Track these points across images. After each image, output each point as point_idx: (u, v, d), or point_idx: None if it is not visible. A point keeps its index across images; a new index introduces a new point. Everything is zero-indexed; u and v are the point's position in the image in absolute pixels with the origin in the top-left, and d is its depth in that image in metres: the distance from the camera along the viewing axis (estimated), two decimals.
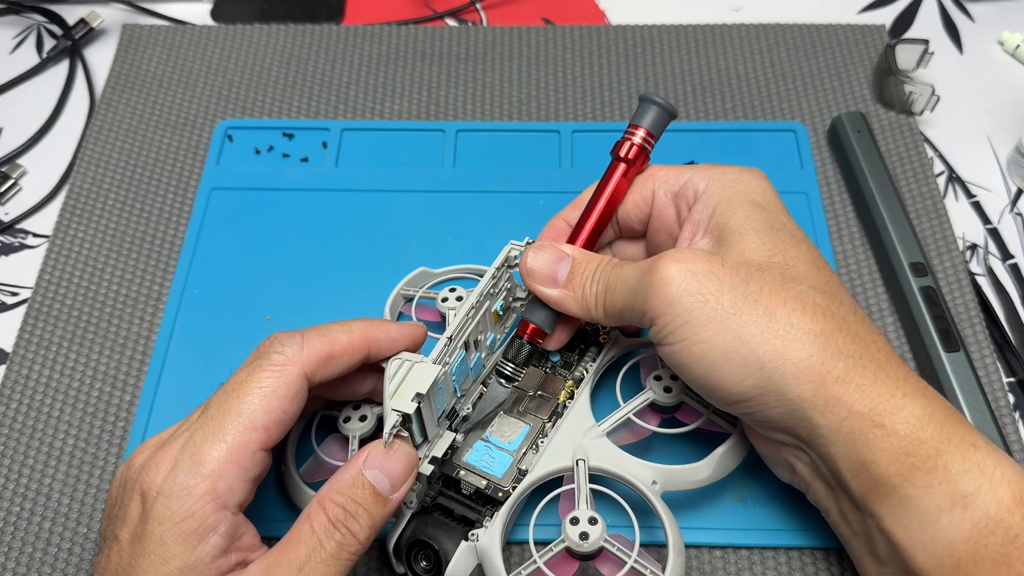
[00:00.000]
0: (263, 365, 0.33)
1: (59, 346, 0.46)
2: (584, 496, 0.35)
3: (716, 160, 0.52)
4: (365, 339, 0.35)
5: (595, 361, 0.41)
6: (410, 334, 0.37)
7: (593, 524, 0.33)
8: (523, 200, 0.51)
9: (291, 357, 0.33)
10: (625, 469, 0.36)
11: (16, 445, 0.43)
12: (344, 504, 0.32)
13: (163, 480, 0.31)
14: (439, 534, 0.35)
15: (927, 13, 0.60)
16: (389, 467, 0.33)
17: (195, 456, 0.31)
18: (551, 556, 0.34)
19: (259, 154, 0.54)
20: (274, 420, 0.32)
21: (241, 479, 0.32)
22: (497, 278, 0.39)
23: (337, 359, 0.35)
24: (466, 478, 0.37)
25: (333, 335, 0.35)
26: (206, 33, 0.60)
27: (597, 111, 0.55)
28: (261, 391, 0.32)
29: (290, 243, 0.49)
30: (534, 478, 0.36)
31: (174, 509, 0.30)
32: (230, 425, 0.32)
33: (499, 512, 0.35)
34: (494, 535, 0.35)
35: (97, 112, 0.56)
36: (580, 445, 0.37)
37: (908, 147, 0.53)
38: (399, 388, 0.33)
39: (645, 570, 0.33)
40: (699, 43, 0.59)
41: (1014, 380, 0.44)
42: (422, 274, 0.46)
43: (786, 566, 0.39)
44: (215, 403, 0.33)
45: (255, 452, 0.32)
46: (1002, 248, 0.49)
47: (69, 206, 0.52)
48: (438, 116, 0.56)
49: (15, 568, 0.39)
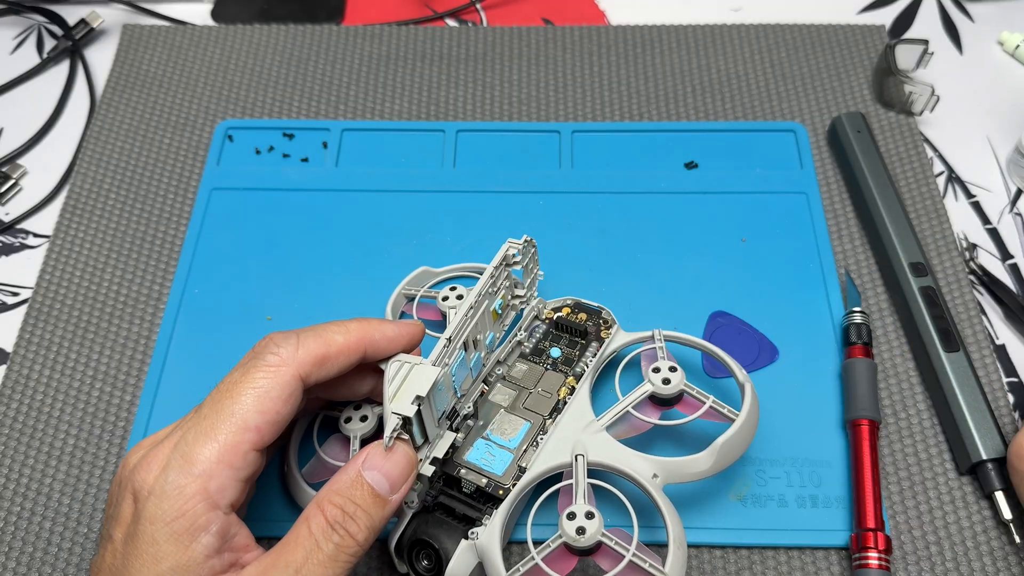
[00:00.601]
0: (257, 366, 0.33)
1: (59, 346, 0.46)
2: (582, 491, 0.35)
3: (715, 159, 0.52)
4: (361, 339, 0.35)
5: (595, 356, 0.41)
6: (407, 333, 0.37)
7: (590, 518, 0.33)
8: (523, 200, 0.51)
9: (286, 358, 0.33)
10: (625, 463, 0.36)
11: (16, 445, 0.43)
12: (342, 505, 0.32)
13: (154, 479, 0.31)
14: (439, 533, 0.35)
15: (927, 13, 0.60)
16: (388, 468, 0.33)
17: (186, 456, 0.31)
18: (549, 552, 0.34)
19: (259, 154, 0.54)
20: (267, 421, 0.32)
21: (232, 479, 0.32)
22: (495, 277, 0.39)
23: (333, 360, 0.34)
24: (467, 476, 0.37)
25: (329, 336, 0.34)
26: (206, 33, 0.60)
27: (597, 111, 0.55)
28: (255, 392, 0.32)
29: (290, 243, 0.49)
30: (533, 475, 0.36)
31: (165, 508, 0.30)
32: (222, 425, 0.32)
33: (498, 510, 0.35)
34: (493, 533, 0.35)
35: (97, 112, 0.56)
36: (580, 440, 0.37)
37: (908, 147, 0.53)
38: (399, 390, 0.33)
39: (644, 563, 0.33)
40: (699, 43, 0.59)
41: (1016, 380, 0.44)
42: (424, 273, 0.46)
43: (786, 566, 0.39)
44: (209, 403, 0.33)
45: (247, 452, 0.32)
46: (1002, 248, 0.49)
47: (69, 206, 0.52)
48: (438, 116, 0.56)
49: (15, 568, 0.39)
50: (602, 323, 0.43)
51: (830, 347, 0.45)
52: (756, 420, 0.38)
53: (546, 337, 0.43)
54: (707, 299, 0.47)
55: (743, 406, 0.38)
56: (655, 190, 0.51)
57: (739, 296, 0.47)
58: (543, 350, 0.42)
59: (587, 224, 0.50)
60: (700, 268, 0.48)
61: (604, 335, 0.42)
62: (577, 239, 0.49)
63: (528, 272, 0.42)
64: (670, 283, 0.47)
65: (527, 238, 0.41)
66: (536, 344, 0.42)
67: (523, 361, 0.42)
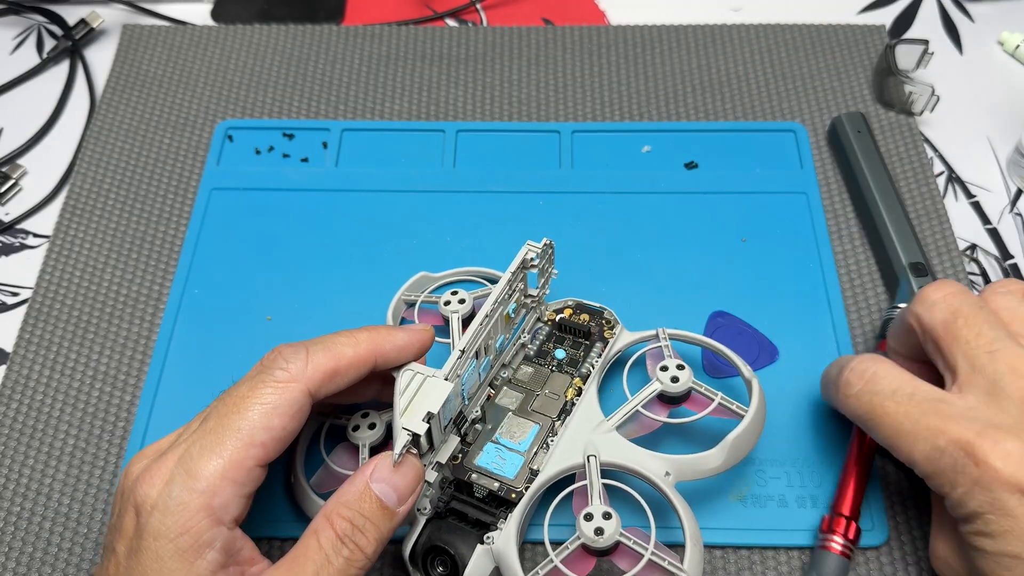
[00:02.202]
0: (266, 380, 0.33)
1: (59, 346, 0.46)
2: (597, 491, 0.35)
3: (715, 159, 0.52)
4: (371, 351, 0.35)
5: (600, 356, 0.41)
6: (418, 341, 0.36)
7: (607, 519, 0.33)
8: (523, 200, 0.51)
9: (295, 373, 0.33)
10: (637, 462, 0.36)
11: (16, 445, 0.43)
12: (352, 518, 0.31)
13: (158, 494, 0.31)
14: (454, 539, 0.35)
15: (927, 13, 0.60)
16: (396, 481, 0.32)
17: (190, 470, 0.31)
18: (567, 554, 0.34)
19: (259, 154, 0.54)
20: (273, 437, 0.32)
21: (236, 495, 0.31)
22: (512, 282, 0.39)
23: (343, 374, 0.34)
24: (478, 481, 0.36)
25: (339, 349, 0.34)
26: (206, 33, 0.60)
27: (597, 111, 0.55)
28: (262, 407, 0.32)
29: (290, 243, 0.49)
30: (546, 477, 0.36)
31: (169, 524, 0.30)
32: (228, 440, 0.31)
33: (513, 513, 0.35)
34: (509, 537, 0.34)
35: (97, 112, 0.56)
36: (590, 441, 0.37)
37: (908, 147, 0.53)
38: (410, 404, 0.33)
39: (663, 561, 0.33)
40: (699, 43, 0.59)
41: None
42: (422, 279, 0.46)
43: (786, 566, 0.39)
44: (215, 416, 0.32)
45: (251, 468, 0.32)
46: (1002, 248, 0.49)
47: (69, 206, 0.52)
48: (438, 116, 0.56)
49: (15, 568, 0.39)
50: (605, 323, 0.43)
51: (830, 347, 0.45)
52: (764, 416, 0.38)
53: (549, 339, 0.43)
54: (707, 299, 0.46)
55: (751, 402, 0.38)
56: (655, 190, 0.51)
57: (739, 296, 0.47)
58: (547, 352, 0.42)
59: (587, 224, 0.50)
60: (700, 268, 0.48)
61: (607, 335, 0.42)
62: (577, 239, 0.49)
63: (543, 273, 0.41)
64: (670, 283, 0.47)
65: (547, 241, 0.40)
66: (540, 346, 0.42)
67: (528, 364, 0.42)
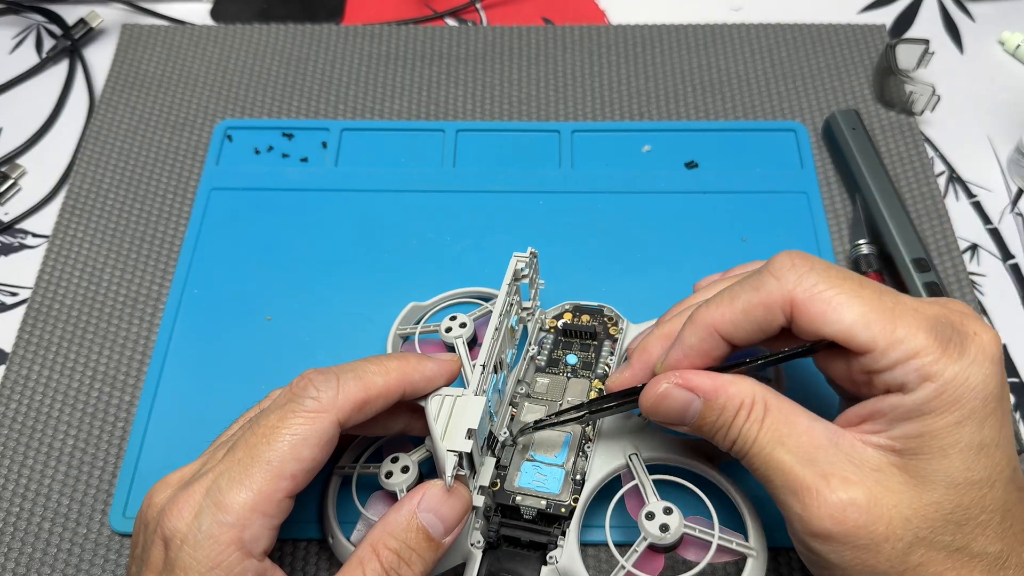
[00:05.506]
0: (296, 411, 0.32)
1: (59, 346, 0.46)
2: (650, 489, 0.35)
3: (716, 159, 0.52)
4: (401, 380, 0.34)
5: (613, 354, 0.41)
6: (447, 371, 0.36)
7: (669, 514, 0.33)
8: (523, 200, 0.51)
9: (326, 404, 0.32)
10: (680, 453, 0.36)
11: (16, 445, 0.43)
12: (398, 550, 0.31)
13: (187, 527, 0.30)
14: (516, 566, 0.35)
15: (927, 13, 0.60)
16: (444, 511, 0.32)
17: (219, 503, 0.30)
18: (637, 556, 0.33)
19: (259, 154, 0.54)
20: (303, 469, 0.32)
21: (266, 527, 0.31)
22: (510, 293, 0.38)
23: (372, 404, 0.33)
24: (524, 503, 0.36)
25: (369, 378, 0.33)
26: (206, 33, 0.60)
27: (597, 111, 0.55)
28: (292, 438, 0.31)
29: (290, 243, 0.49)
30: (593, 484, 0.36)
31: (200, 559, 0.30)
32: (258, 472, 0.31)
33: (571, 528, 0.35)
34: (573, 553, 0.34)
35: (97, 112, 0.56)
36: (628, 439, 0.37)
37: (908, 147, 0.53)
38: (448, 427, 0.32)
39: (731, 543, 0.33)
40: (699, 43, 0.58)
41: (1016, 380, 0.44)
42: (413, 309, 0.45)
43: (786, 567, 0.39)
44: (243, 445, 0.32)
45: (281, 500, 0.31)
46: (1002, 248, 0.49)
47: (69, 206, 0.52)
48: (438, 116, 0.56)
49: (15, 568, 0.39)
50: (607, 321, 0.42)
51: None
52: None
53: (556, 346, 0.42)
54: None
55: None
56: (655, 190, 0.51)
57: None
58: (558, 359, 0.41)
59: (587, 224, 0.50)
60: (700, 268, 0.48)
61: (613, 331, 0.42)
62: (577, 239, 0.49)
63: (532, 283, 0.41)
64: (670, 283, 0.47)
65: (532, 250, 0.40)
66: (550, 355, 0.42)
67: (542, 374, 0.41)
